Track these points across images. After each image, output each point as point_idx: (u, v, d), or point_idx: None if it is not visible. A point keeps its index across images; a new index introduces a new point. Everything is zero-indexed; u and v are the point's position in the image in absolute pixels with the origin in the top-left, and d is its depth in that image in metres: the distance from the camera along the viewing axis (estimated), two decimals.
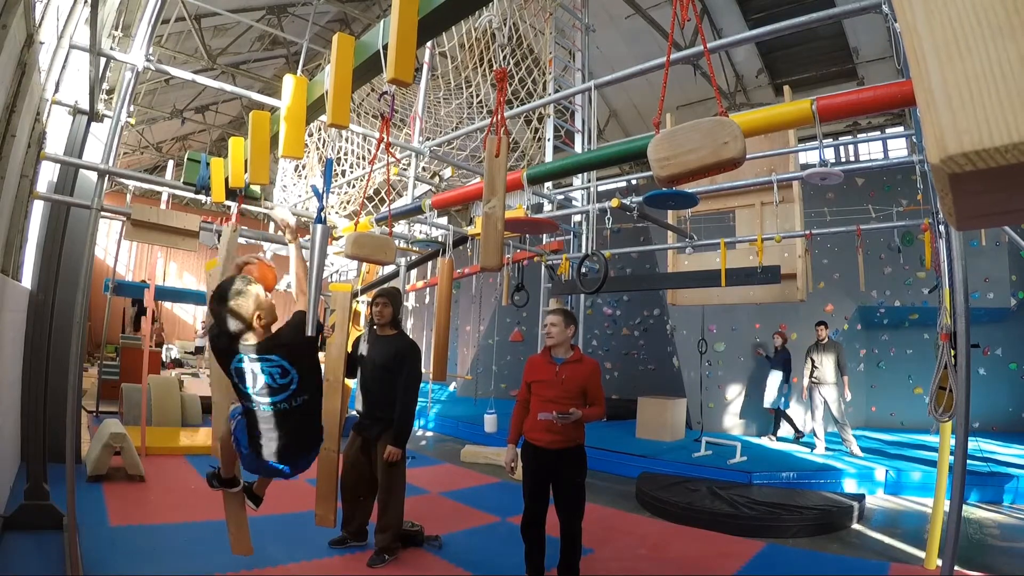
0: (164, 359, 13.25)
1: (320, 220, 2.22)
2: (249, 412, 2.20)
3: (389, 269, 7.03)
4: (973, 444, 3.81)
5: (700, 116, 1.49)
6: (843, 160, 11.56)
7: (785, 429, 7.73)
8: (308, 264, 2.29)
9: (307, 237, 3.06)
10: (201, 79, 4.23)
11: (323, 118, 2.33)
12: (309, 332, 2.15)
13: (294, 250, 2.34)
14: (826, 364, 6.80)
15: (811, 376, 6.91)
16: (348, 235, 2.53)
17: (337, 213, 9.35)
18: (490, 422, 7.44)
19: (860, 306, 8.38)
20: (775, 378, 7.58)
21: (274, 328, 2.20)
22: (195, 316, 18.38)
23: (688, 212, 6.24)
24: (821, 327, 7.01)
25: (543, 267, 7.15)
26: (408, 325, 9.40)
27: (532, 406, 3.06)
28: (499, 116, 1.98)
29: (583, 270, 4.66)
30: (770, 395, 7.59)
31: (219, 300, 2.10)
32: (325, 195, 2.28)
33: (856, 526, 4.61)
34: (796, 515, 4.45)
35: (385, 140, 2.51)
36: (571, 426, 2.93)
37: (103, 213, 3.24)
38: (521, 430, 3.13)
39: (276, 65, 12.74)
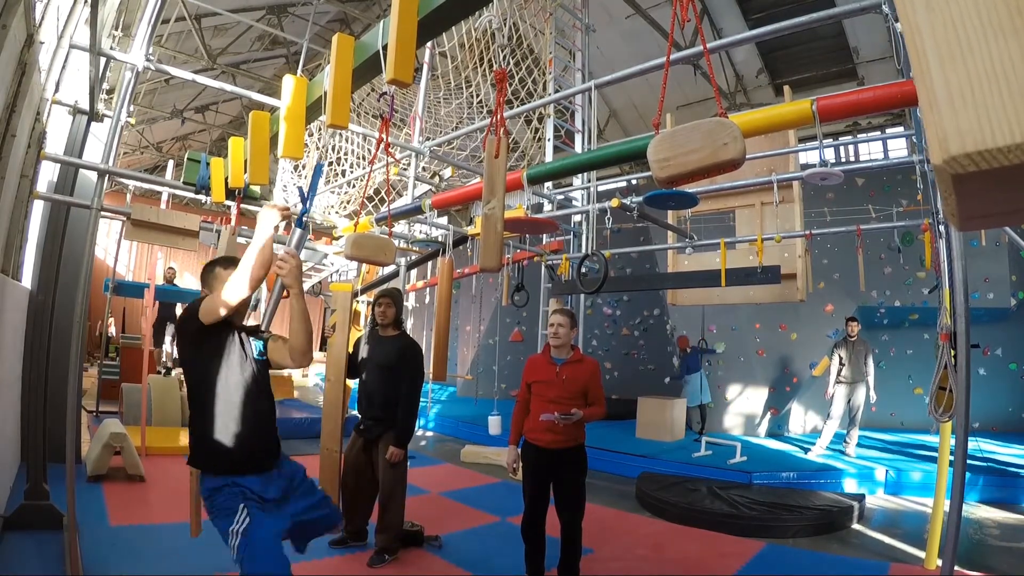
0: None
1: (300, 224, 2.18)
2: None
3: (389, 269, 7.03)
4: (973, 444, 3.81)
5: (700, 116, 1.49)
6: (843, 160, 11.56)
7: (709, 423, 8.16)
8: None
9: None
10: (201, 79, 4.23)
11: (323, 118, 2.33)
12: (263, 326, 2.15)
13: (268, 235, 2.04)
14: (854, 361, 6.58)
15: (838, 374, 6.66)
16: (348, 236, 2.53)
17: (337, 213, 9.35)
18: (494, 424, 7.21)
19: (860, 306, 8.36)
20: (698, 379, 8.01)
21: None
22: None
23: (688, 212, 6.23)
24: (853, 323, 6.72)
25: (543, 267, 7.14)
26: (408, 325, 9.38)
27: (533, 406, 3.05)
28: (499, 116, 1.98)
29: (583, 270, 4.66)
30: (696, 394, 8.00)
31: None
32: (310, 200, 2.23)
33: (856, 526, 4.61)
34: (796, 515, 4.45)
35: (385, 140, 2.52)
36: (572, 426, 2.93)
37: (103, 213, 3.24)
38: (522, 430, 3.13)
39: (276, 65, 12.74)
